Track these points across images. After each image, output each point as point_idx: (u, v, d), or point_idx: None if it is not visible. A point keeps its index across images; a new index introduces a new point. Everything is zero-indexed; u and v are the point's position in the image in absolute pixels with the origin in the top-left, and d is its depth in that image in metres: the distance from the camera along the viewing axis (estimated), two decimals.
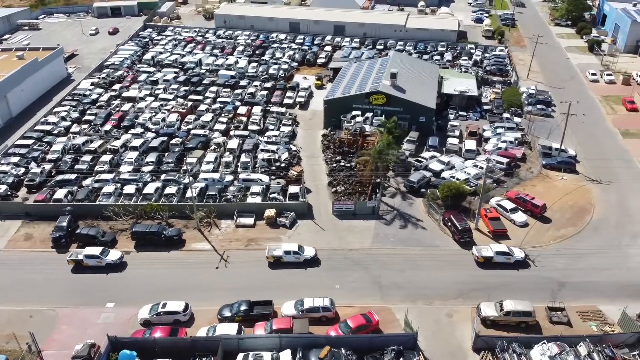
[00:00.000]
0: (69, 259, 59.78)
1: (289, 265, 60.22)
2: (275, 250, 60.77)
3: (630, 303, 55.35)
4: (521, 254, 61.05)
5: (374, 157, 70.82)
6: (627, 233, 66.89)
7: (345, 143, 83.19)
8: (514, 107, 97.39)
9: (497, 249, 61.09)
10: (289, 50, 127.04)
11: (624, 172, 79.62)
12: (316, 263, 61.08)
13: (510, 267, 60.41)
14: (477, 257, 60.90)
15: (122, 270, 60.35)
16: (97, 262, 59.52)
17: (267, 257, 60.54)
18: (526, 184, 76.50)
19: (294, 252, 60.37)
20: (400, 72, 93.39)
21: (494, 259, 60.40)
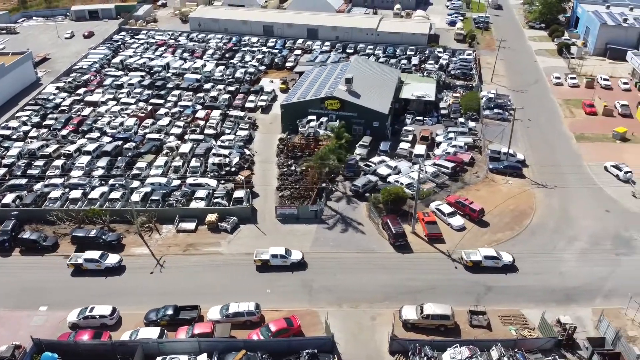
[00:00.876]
0: (69, 262, 60.93)
1: (275, 268, 61.24)
2: (263, 253, 61.66)
3: (556, 308, 56.59)
4: (509, 258, 61.64)
5: (316, 162, 71.65)
6: (563, 237, 67.79)
7: (298, 147, 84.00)
8: (471, 111, 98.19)
9: (486, 253, 61.84)
10: (259, 54, 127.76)
11: (572, 176, 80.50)
12: (303, 266, 62.02)
13: (499, 271, 61.38)
14: (465, 261, 61.75)
15: (122, 274, 61.64)
16: (97, 265, 60.53)
17: (255, 260, 61.35)
18: (470, 188, 77.39)
19: (281, 255, 61.25)
20: (359, 78, 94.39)
21: (483, 263, 61.31)
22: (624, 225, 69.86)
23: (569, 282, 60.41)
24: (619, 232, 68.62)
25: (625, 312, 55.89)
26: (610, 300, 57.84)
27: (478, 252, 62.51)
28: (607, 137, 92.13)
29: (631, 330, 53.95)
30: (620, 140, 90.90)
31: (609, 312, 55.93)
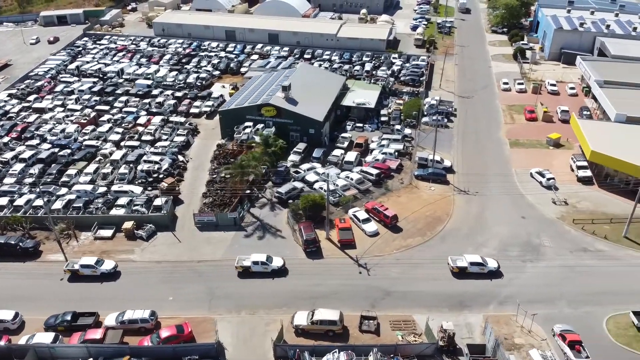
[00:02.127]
0: (65, 268, 62.41)
1: (257, 274, 62.69)
2: (245, 260, 63.05)
3: (448, 313, 58.01)
4: (494, 265, 63.17)
5: (236, 170, 73.10)
6: (472, 244, 69.19)
7: (230, 154, 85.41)
8: (410, 118, 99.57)
9: (471, 259, 63.14)
10: (216, 59, 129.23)
11: (496, 183, 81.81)
12: (284, 273, 63.35)
13: (484, 277, 62.72)
14: (452, 267, 63.06)
15: (117, 279, 63.14)
16: (92, 271, 62.11)
17: (236, 267, 62.81)
18: (392, 195, 78.81)
19: (262, 262, 62.59)
20: (300, 85, 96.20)
21: (468, 269, 62.59)
22: (537, 232, 71.23)
23: (466, 288, 61.69)
24: (530, 238, 69.96)
25: (516, 318, 57.00)
26: (505, 307, 59.03)
27: (464, 258, 63.80)
28: (542, 144, 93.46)
29: (519, 337, 55.25)
30: (553, 146, 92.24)
31: (501, 318, 57.43)
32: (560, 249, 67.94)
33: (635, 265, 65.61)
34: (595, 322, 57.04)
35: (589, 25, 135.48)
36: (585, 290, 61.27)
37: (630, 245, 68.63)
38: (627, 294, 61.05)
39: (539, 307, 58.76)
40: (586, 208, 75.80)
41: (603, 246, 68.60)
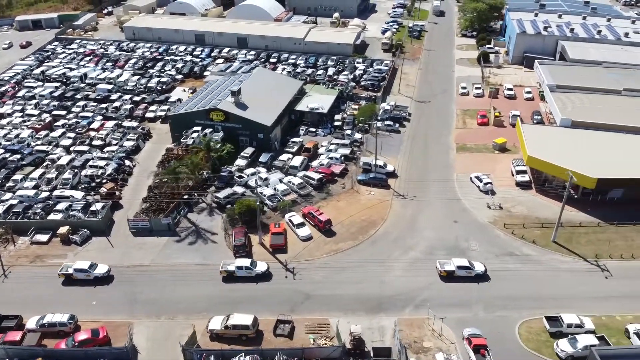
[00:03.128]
0: (60, 272, 63.45)
1: (241, 279, 64.00)
2: (229, 265, 64.31)
3: (364, 317, 59.21)
4: (482, 268, 64.32)
5: (170, 175, 74.28)
6: (401, 247, 70.37)
7: (175, 158, 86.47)
8: (363, 123, 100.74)
9: (459, 263, 64.25)
10: (181, 63, 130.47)
11: (436, 187, 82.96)
12: (268, 277, 64.62)
13: (471, 280, 63.90)
14: (440, 271, 64.15)
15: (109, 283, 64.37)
16: (86, 275, 63.31)
17: (221, 271, 64.07)
18: (332, 199, 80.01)
19: (246, 267, 63.89)
20: (254, 89, 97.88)
21: (456, 273, 63.76)
22: (466, 236, 72.38)
23: (386, 291, 62.93)
24: (458, 242, 71.12)
25: (428, 322, 58.12)
26: (421, 310, 60.05)
27: (452, 262, 64.89)
28: (488, 148, 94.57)
29: (428, 341, 56.39)
30: (499, 151, 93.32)
31: (415, 321, 58.61)
32: (486, 253, 69.04)
33: (560, 269, 66.68)
34: (508, 327, 58.11)
35: (553, 29, 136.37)
36: (503, 295, 62.37)
37: (558, 250, 69.72)
38: (546, 298, 62.13)
39: (455, 310, 59.92)
40: (520, 212, 76.88)
41: (530, 250, 69.71)
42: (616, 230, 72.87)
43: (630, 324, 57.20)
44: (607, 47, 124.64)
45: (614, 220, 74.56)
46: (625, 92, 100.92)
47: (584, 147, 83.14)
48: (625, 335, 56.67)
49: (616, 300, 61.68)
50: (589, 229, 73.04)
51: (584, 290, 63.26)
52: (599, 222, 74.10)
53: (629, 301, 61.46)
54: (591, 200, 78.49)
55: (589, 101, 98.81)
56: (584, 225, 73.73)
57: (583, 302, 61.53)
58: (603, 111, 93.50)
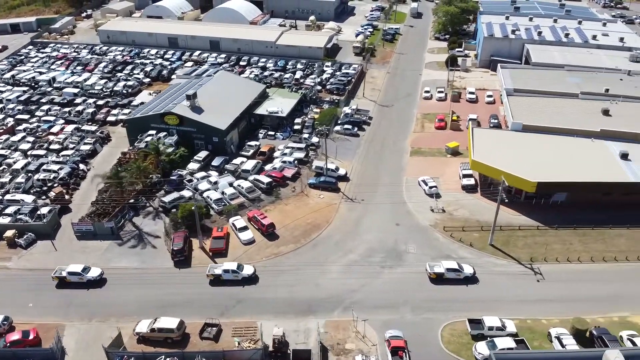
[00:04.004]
0: (53, 275, 64.51)
1: (228, 282, 64.85)
2: (216, 269, 65.17)
3: (293, 319, 60.32)
4: (470, 270, 65.30)
5: (113, 179, 75.26)
6: (341, 250, 71.31)
7: (126, 162, 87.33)
8: (322, 127, 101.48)
9: (448, 266, 65.20)
10: (150, 66, 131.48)
11: (385, 190, 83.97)
12: (254, 280, 65.49)
13: (460, 283, 64.73)
14: (429, 274, 65.24)
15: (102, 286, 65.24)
16: (79, 278, 64.25)
17: (207, 275, 64.95)
18: (280, 203, 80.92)
19: (232, 270, 64.82)
20: (213, 93, 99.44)
21: (445, 275, 64.74)
22: (406, 239, 73.37)
23: (319, 294, 63.86)
24: (397, 245, 72.10)
25: (354, 324, 59.07)
26: (349, 312, 60.91)
27: (441, 264, 65.89)
28: (441, 152, 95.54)
29: (351, 342, 57.35)
30: (451, 155, 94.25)
31: (341, 324, 59.53)
32: (422, 255, 69.99)
33: (493, 272, 67.61)
34: (432, 329, 59.06)
35: (521, 33, 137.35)
36: (433, 297, 63.34)
37: (494, 253, 70.65)
38: (476, 301, 63.10)
39: (384, 312, 60.94)
40: (462, 216, 77.84)
41: (467, 253, 70.66)
42: (555, 233, 73.81)
43: (553, 327, 57.90)
44: (572, 51, 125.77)
45: (554, 223, 75.25)
46: (582, 96, 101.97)
47: (531, 151, 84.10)
48: (547, 339, 57.26)
49: (545, 303, 62.60)
50: (528, 232, 73.93)
51: (515, 293, 64.19)
52: (538, 226, 75.03)
53: (558, 305, 62.34)
54: (534, 204, 79.24)
55: (545, 105, 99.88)
56: (523, 228, 74.63)
57: (512, 305, 62.43)
58: (558, 115, 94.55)
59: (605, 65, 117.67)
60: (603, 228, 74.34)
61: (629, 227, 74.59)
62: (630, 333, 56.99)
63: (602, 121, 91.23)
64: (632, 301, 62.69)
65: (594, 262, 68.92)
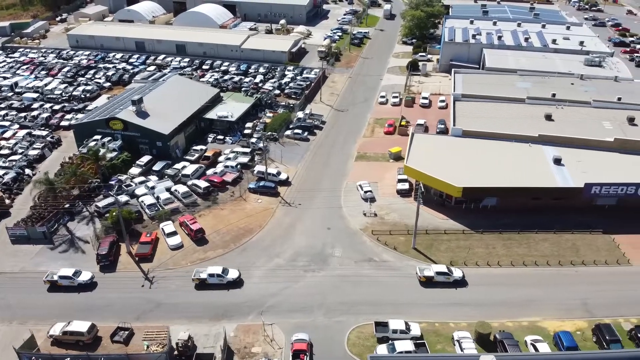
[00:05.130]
0: (45, 279, 65.70)
1: (213, 286, 65.94)
2: (202, 273, 66.31)
3: (206, 324, 61.60)
4: (459, 274, 66.55)
5: (45, 184, 76.47)
6: (269, 255, 72.45)
7: (67, 167, 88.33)
8: (273, 131, 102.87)
9: (438, 269, 66.50)
10: (112, 70, 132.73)
11: (324, 195, 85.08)
12: (239, 284, 66.62)
13: (449, 286, 66.01)
14: (419, 277, 66.44)
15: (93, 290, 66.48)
16: (70, 282, 65.58)
17: (193, 279, 65.96)
18: (216, 208, 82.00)
19: (217, 275, 65.97)
20: (163, 97, 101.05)
21: (435, 279, 65.98)
22: (334, 242, 74.49)
23: (238, 298, 64.94)
24: (324, 249, 73.21)
25: (265, 328, 60.17)
26: (264, 316, 62.02)
27: (431, 268, 67.15)
28: (385, 157, 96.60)
29: (258, 346, 58.45)
30: (394, 159, 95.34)
31: (252, 327, 60.64)
32: (346, 259, 71.14)
33: (412, 275, 68.62)
34: (341, 332, 60.13)
35: (482, 37, 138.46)
36: (348, 300, 64.40)
37: (416, 256, 71.77)
38: (390, 304, 64.14)
39: (298, 316, 62.10)
40: (392, 220, 78.96)
41: (390, 257, 71.81)
42: (480, 237, 74.90)
43: (457, 331, 58.95)
44: (527, 55, 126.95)
45: (482, 228, 76.38)
46: (528, 101, 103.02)
47: (466, 157, 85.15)
48: (452, 343, 58.35)
49: (457, 307, 63.67)
50: (453, 236, 75.04)
51: (429, 296, 65.29)
52: (464, 230, 76.05)
53: (469, 309, 63.41)
54: (465, 208, 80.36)
55: (491, 110, 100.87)
56: (448, 232, 75.75)
57: (424, 308, 63.55)
58: (502, 120, 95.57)
59: (559, 69, 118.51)
60: (529, 232, 75.10)
61: (555, 231, 75.28)
62: (534, 338, 57.76)
63: (543, 126, 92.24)
64: (545, 306, 63.68)
65: (514, 266, 69.81)
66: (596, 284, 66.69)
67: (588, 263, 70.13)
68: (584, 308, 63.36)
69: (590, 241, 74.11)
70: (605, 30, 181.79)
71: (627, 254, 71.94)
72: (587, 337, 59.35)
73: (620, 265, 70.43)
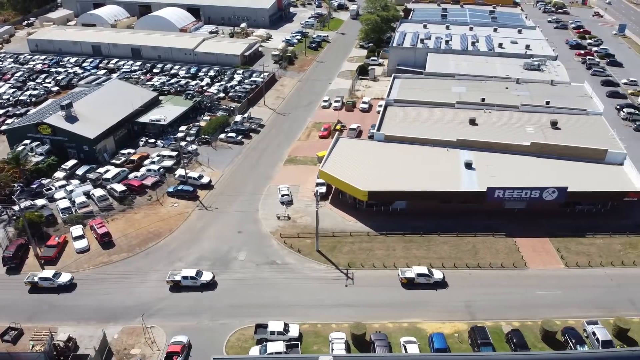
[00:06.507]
0: (26, 281, 67.22)
1: (187, 288, 67.26)
2: (176, 275, 67.63)
3: (95, 325, 62.52)
4: (440, 276, 68.01)
5: None
6: (171, 259, 73.60)
7: None
8: (206, 134, 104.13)
9: (418, 271, 67.80)
10: (63, 74, 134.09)
11: (244, 198, 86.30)
12: (213, 286, 67.99)
13: (430, 288, 67.37)
14: (401, 278, 67.83)
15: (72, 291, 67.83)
16: (50, 284, 67.13)
17: (167, 281, 67.29)
18: (130, 211, 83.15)
19: (191, 277, 67.23)
20: (97, 101, 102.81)
21: (416, 280, 67.41)
22: (240, 246, 75.72)
23: (129, 301, 66.11)
24: (229, 253, 74.39)
25: (148, 330, 61.32)
26: (150, 319, 63.21)
27: (412, 270, 68.49)
28: (313, 160, 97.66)
29: (138, 348, 59.64)
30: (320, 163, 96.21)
31: (137, 330, 61.71)
32: (249, 262, 72.35)
33: (309, 277, 69.91)
34: (223, 334, 61.27)
35: (430, 42, 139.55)
36: (238, 303, 65.57)
37: (317, 259, 72.92)
38: (277, 306, 65.25)
39: (184, 319, 63.32)
40: (304, 223, 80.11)
41: (292, 259, 73.01)
42: (383, 240, 76.06)
43: (335, 332, 60.09)
44: (468, 59, 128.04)
45: (390, 230, 77.55)
46: (458, 105, 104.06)
47: (382, 161, 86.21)
48: (328, 343, 59.49)
49: (342, 308, 64.75)
50: (357, 238, 76.23)
51: (318, 297, 66.40)
52: (368, 232, 77.15)
53: (354, 310, 64.41)
54: (375, 211, 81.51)
55: (420, 115, 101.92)
56: (354, 234, 76.92)
57: (311, 309, 64.63)
58: (428, 124, 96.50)
59: (497, 73, 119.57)
60: (432, 235, 76.18)
61: (457, 234, 76.35)
62: (408, 339, 58.89)
63: (467, 131, 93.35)
64: (430, 307, 64.77)
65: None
66: (486, 286, 67.79)
67: (484, 266, 71.07)
68: (467, 310, 64.18)
69: (491, 244, 75.06)
70: (567, 32, 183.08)
71: (526, 257, 72.84)
72: (464, 339, 60.10)
73: (516, 268, 71.36)
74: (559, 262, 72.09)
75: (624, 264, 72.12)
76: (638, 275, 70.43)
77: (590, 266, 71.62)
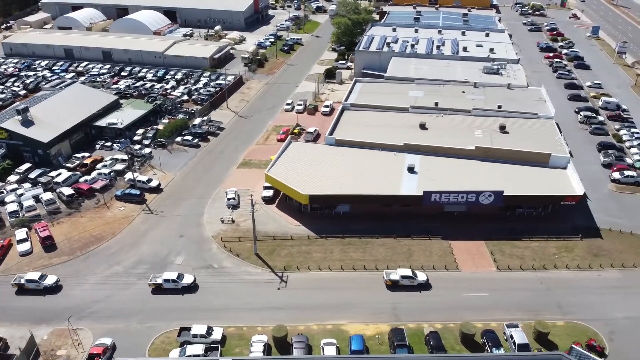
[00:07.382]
0: (13, 282, 68.51)
1: (169, 291, 68.67)
2: (158, 278, 68.91)
3: (26, 326, 63.49)
4: (424, 277, 69.21)
5: None
6: (110, 262, 74.70)
7: None
8: (162, 137, 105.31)
9: (403, 273, 69.04)
10: (32, 78, 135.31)
11: (191, 202, 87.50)
12: (194, 289, 69.19)
13: (414, 289, 68.58)
14: (385, 280, 68.90)
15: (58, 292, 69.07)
16: (36, 285, 68.28)
17: (149, 284, 68.70)
18: (77, 215, 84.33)
19: (172, 280, 68.51)
20: (56, 105, 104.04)
21: (400, 282, 68.57)
22: (180, 250, 76.83)
23: (63, 303, 67.28)
24: (168, 256, 75.53)
25: (76, 332, 62.44)
26: (82, 321, 64.40)
27: (396, 272, 69.63)
28: (267, 164, 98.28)
29: (64, 349, 60.90)
30: None
31: (65, 332, 62.84)
32: (186, 266, 73.43)
33: (244, 281, 71.00)
34: (148, 336, 62.40)
35: (395, 46, 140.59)
36: (169, 306, 66.73)
37: (255, 262, 74.02)
38: (204, 309, 66.33)
39: (114, 321, 64.50)
40: (248, 226, 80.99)
41: (229, 263, 74.14)
42: (322, 242, 77.20)
43: (258, 334, 61.24)
44: (430, 63, 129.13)
45: (332, 233, 78.71)
46: (412, 110, 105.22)
47: (330, 165, 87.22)
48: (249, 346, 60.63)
49: (270, 310, 65.82)
50: (297, 241, 77.38)
51: (247, 300, 67.50)
52: (309, 235, 78.31)
53: (282, 312, 65.55)
54: (319, 214, 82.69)
55: (374, 119, 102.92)
56: (294, 237, 78.05)
57: (238, 312, 65.66)
58: (380, 129, 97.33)
59: (456, 77, 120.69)
60: (370, 237, 77.34)
61: (395, 237, 77.52)
62: (328, 341, 60.05)
63: (417, 135, 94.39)
64: (356, 309, 65.91)
65: (344, 270, 71.89)
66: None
67: (416, 268, 72.12)
68: (392, 312, 65.32)
69: (426, 247, 76.26)
70: (540, 35, 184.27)
71: (459, 259, 74.01)
72: (384, 341, 61.26)
73: (448, 270, 72.44)
74: (491, 264, 73.12)
75: (557, 267, 73.03)
76: (568, 278, 71.27)
77: (522, 269, 72.53)
